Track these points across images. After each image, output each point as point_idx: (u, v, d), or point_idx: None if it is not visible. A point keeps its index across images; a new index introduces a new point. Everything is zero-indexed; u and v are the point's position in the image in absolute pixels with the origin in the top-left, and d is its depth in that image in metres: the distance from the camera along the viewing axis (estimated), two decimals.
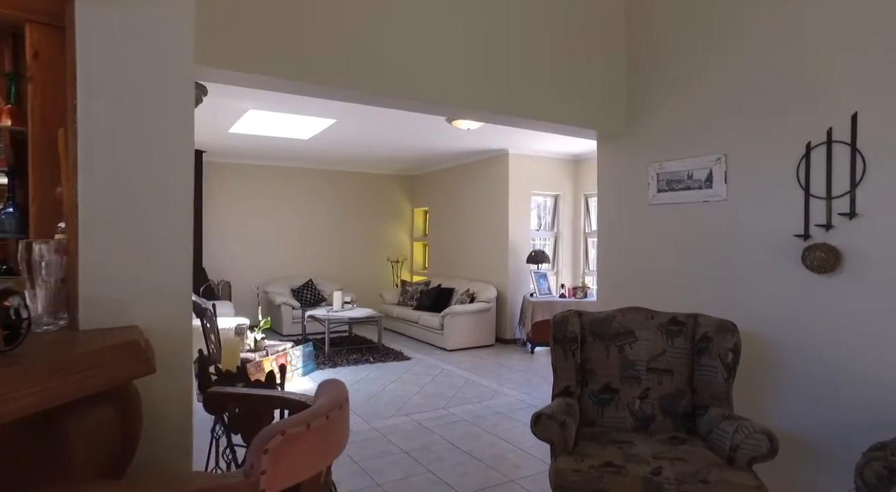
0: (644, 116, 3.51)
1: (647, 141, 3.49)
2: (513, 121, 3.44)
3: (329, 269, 9.02)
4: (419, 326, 7.48)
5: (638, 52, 3.56)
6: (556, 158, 7.73)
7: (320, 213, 9.00)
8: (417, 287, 8.44)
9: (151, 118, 1.49)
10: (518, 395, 4.93)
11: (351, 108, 5.06)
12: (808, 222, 2.57)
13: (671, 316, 2.78)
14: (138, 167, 1.47)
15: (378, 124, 5.81)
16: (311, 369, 5.65)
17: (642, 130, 3.52)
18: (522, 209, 7.49)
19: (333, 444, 1.24)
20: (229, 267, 8.20)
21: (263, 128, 5.95)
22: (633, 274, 3.55)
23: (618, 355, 2.74)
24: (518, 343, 7.30)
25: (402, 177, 9.77)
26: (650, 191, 3.46)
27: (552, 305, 6.76)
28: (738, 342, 2.48)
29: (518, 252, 7.39)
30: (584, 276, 7.81)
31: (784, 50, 2.72)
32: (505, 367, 6.05)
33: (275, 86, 2.69)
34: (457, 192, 8.50)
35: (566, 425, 2.33)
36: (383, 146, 7.14)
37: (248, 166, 8.38)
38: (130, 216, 1.45)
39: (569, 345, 2.75)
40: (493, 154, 7.57)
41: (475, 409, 4.50)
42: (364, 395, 4.87)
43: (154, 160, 1.49)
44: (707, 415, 2.47)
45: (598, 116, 3.57)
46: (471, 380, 5.45)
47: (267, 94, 4.52)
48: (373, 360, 6.22)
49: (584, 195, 7.82)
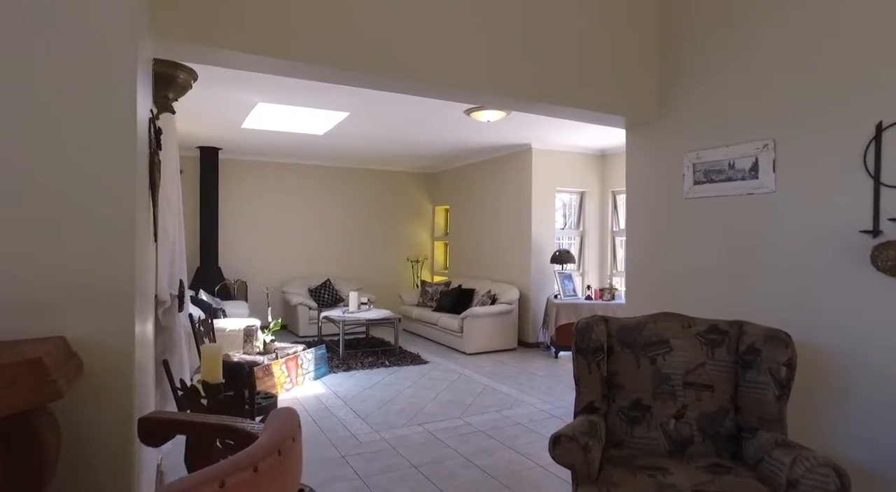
0: (678, 101, 3.16)
1: (681, 128, 3.14)
2: (534, 107, 3.14)
3: (347, 268, 8.82)
4: (438, 329, 7.21)
5: (671, 29, 3.22)
6: (582, 153, 7.37)
7: (339, 211, 8.80)
8: (437, 288, 8.17)
9: (78, 91, 1.25)
10: (539, 404, 4.61)
11: (364, 101, 4.82)
12: (879, 216, 2.20)
13: (711, 324, 2.44)
14: (64, 147, 1.22)
15: (393, 118, 5.55)
16: (323, 372, 5.43)
17: (676, 116, 3.18)
18: (547, 207, 7.15)
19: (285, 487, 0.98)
20: (246, 266, 8.06)
21: (276, 123, 5.76)
22: (666, 275, 3.20)
23: (650, 368, 2.42)
24: (541, 347, 6.97)
25: (422, 174, 9.52)
26: (685, 183, 3.11)
27: (577, 307, 6.41)
28: (794, 355, 2.13)
29: (542, 252, 7.05)
30: (611, 277, 7.43)
31: (846, 15, 2.35)
32: (526, 373, 5.73)
33: (264, 66, 2.45)
34: (478, 189, 8.20)
35: (589, 448, 2.03)
36: (400, 141, 6.89)
37: (264, 164, 8.23)
38: (52, 207, 1.21)
39: (593, 355, 2.44)
40: (516, 149, 7.25)
41: (493, 419, 4.21)
42: (377, 401, 4.62)
43: (85, 140, 1.24)
44: (755, 439, 2.13)
45: (628, 102, 3.24)
46: (490, 387, 5.15)
47: (272, 85, 4.31)
48: (388, 363, 5.97)
49: (612, 192, 7.43)
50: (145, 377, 1.68)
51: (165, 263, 2.80)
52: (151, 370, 2.15)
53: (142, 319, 1.53)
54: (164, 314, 2.90)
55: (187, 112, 5.22)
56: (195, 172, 7.60)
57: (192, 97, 4.66)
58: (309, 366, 5.23)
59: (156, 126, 2.18)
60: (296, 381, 4.99)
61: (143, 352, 1.62)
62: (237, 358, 4.68)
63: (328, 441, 3.69)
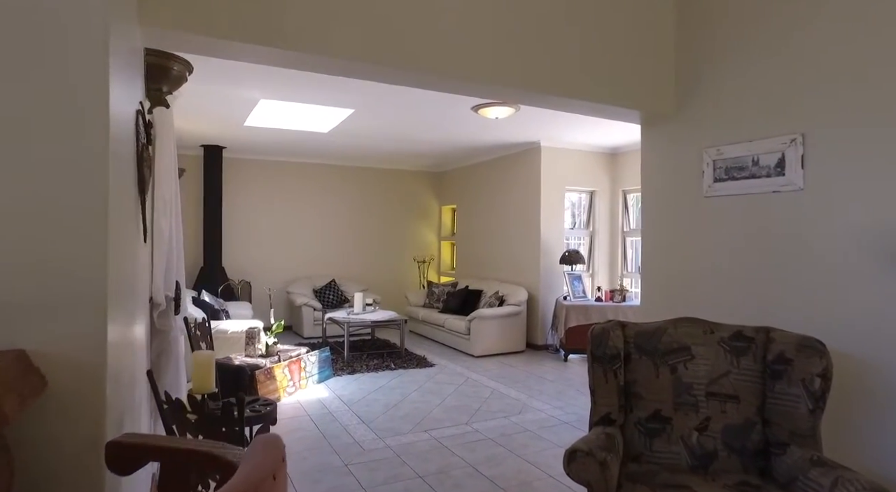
0: (697, 94, 3.01)
1: (701, 122, 2.99)
2: (546, 100, 3.00)
3: (352, 269, 8.70)
4: (445, 330, 7.07)
5: (689, 16, 3.06)
6: (593, 152, 7.20)
7: (344, 211, 8.68)
8: (444, 289, 8.03)
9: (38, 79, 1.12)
10: (550, 409, 4.46)
11: (369, 97, 4.70)
12: None
13: (735, 330, 2.28)
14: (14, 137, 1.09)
15: (399, 115, 5.42)
16: (327, 375, 5.30)
17: (695, 109, 3.02)
18: (556, 206, 6.99)
19: None
20: (250, 267, 7.96)
21: (279, 120, 5.64)
22: (684, 278, 3.05)
23: (670, 376, 2.27)
24: (550, 350, 6.81)
25: (428, 173, 9.38)
26: (705, 181, 2.96)
27: (587, 309, 6.25)
28: (829, 366, 1.97)
29: (551, 252, 6.90)
30: (622, 278, 7.26)
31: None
32: (535, 376, 5.58)
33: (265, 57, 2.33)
34: (486, 188, 8.05)
35: (607, 464, 1.88)
36: (406, 140, 6.75)
37: (268, 162, 8.13)
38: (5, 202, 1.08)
39: (610, 363, 2.29)
40: (525, 147, 7.09)
41: (501, 425, 4.06)
42: (381, 406, 4.49)
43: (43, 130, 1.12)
44: (787, 456, 1.98)
45: (643, 95, 3.09)
46: (498, 391, 5.00)
47: (275, 82, 4.19)
48: (394, 366, 5.84)
49: (623, 191, 7.26)
50: (127, 392, 1.55)
51: (161, 264, 2.69)
52: (141, 382, 2.02)
53: (122, 326, 1.40)
54: (159, 317, 2.78)
55: (189, 109, 5.12)
56: (199, 171, 7.50)
57: (193, 93, 4.55)
58: (312, 369, 5.11)
59: (145, 119, 2.05)
60: (299, 384, 4.86)
61: (125, 362, 1.49)
62: (238, 361, 4.56)
63: (331, 448, 3.56)
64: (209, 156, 7.40)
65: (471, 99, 4.75)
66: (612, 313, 6.22)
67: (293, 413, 4.27)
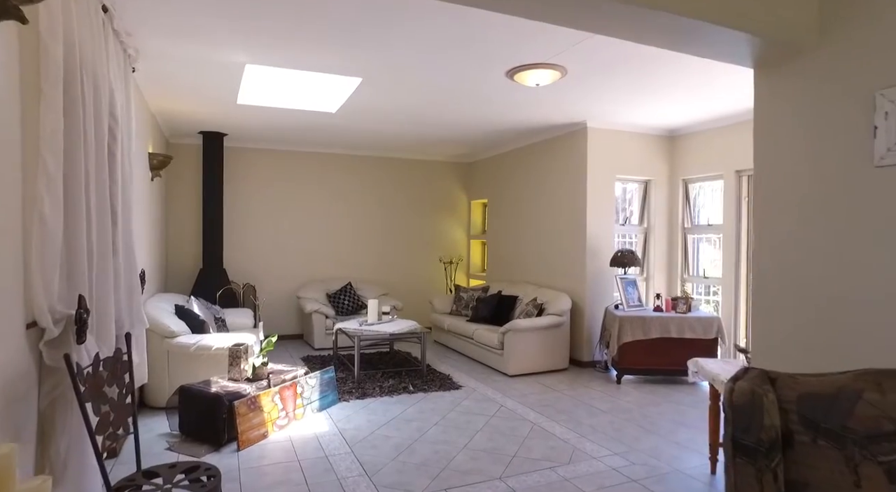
0: (859, 8, 1.95)
1: (867, 53, 1.93)
2: (610, 17, 1.99)
3: (371, 271, 7.80)
4: (474, 343, 6.08)
5: None
6: (647, 134, 6.11)
7: (361, 206, 7.78)
8: (473, 294, 7.06)
9: None
10: (608, 455, 3.44)
11: (379, 63, 3.76)
12: None
13: None
14: None
15: (417, 85, 4.46)
16: (330, 401, 4.39)
17: (856, 32, 1.97)
18: (605, 198, 5.93)
19: None
20: (254, 268, 7.14)
21: (277, 97, 4.76)
22: (835, 297, 1.99)
23: (884, 481, 1.24)
24: (598, 367, 5.76)
25: (456, 164, 8.40)
26: (877, 143, 1.90)
27: (645, 321, 5.18)
28: None
29: (599, 252, 5.84)
30: (683, 283, 6.15)
31: None
32: (584, 404, 4.55)
33: None
34: (522, 179, 7.03)
35: None
36: (428, 121, 5.79)
37: (275, 152, 7.28)
38: None
39: (767, 456, 1.28)
40: (568, 129, 6.05)
41: (547, 482, 3.07)
42: (392, 447, 3.54)
43: None
44: None
45: (765, 11, 2.05)
46: (539, 426, 4.00)
47: (257, 40, 3.29)
48: (413, 389, 4.89)
49: (683, 180, 6.15)
50: None
51: (47, 266, 1.80)
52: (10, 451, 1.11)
53: None
54: (48, 348, 1.89)
55: (165, 79, 4.28)
56: (197, 161, 6.72)
57: (168, 59, 3.72)
58: (312, 394, 4.20)
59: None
60: (293, 414, 3.96)
61: None
62: (216, 388, 3.67)
63: None
64: (209, 144, 6.59)
65: (505, 61, 3.77)
66: (675, 328, 5.14)
67: (279, 457, 3.36)
